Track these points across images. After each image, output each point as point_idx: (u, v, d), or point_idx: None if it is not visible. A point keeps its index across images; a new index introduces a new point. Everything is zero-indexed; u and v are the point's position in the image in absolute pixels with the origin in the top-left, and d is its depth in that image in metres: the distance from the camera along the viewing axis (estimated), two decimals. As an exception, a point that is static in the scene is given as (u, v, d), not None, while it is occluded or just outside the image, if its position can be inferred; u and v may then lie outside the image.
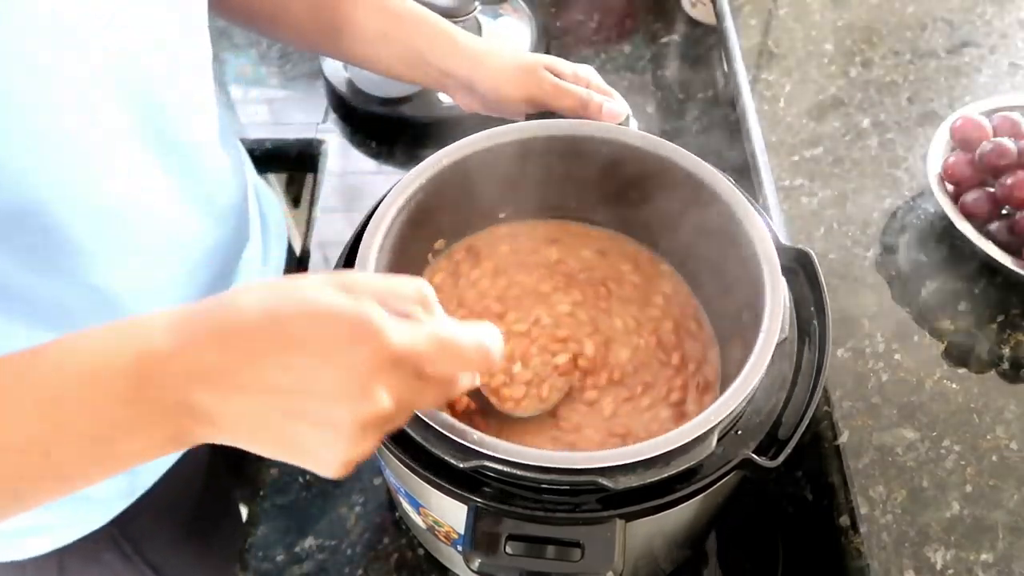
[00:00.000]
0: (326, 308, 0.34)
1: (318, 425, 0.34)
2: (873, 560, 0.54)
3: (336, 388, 0.33)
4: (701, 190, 0.56)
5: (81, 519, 0.64)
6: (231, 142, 0.64)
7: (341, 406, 0.33)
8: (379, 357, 0.33)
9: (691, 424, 0.45)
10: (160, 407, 0.34)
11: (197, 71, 0.55)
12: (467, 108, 0.66)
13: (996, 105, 0.72)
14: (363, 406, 0.34)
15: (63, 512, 0.62)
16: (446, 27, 0.64)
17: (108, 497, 0.65)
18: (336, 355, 0.33)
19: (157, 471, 0.68)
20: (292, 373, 0.33)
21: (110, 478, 0.37)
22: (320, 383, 0.33)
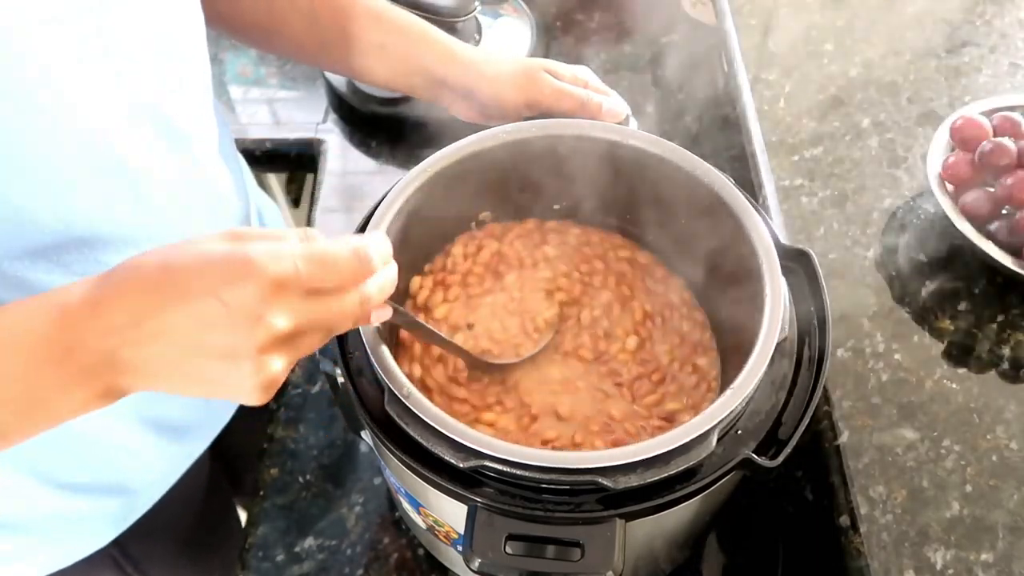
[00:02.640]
0: (211, 254, 0.38)
1: (222, 358, 0.38)
2: (873, 560, 0.54)
3: (229, 322, 0.37)
4: (701, 190, 0.56)
5: (81, 541, 0.64)
6: (233, 161, 0.65)
7: (237, 335, 0.37)
8: (262, 286, 0.37)
9: (691, 424, 0.45)
10: (85, 365, 0.38)
11: (199, 91, 0.55)
12: (465, 118, 0.66)
13: (996, 105, 0.72)
14: (257, 332, 0.37)
15: (62, 535, 0.62)
16: (443, 38, 0.64)
17: (107, 518, 0.65)
18: (224, 293, 0.37)
19: (156, 493, 0.68)
20: (190, 317, 0.37)
21: (100, 494, 0.38)
22: (215, 320, 0.37)
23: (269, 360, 0.38)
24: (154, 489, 0.67)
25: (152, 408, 0.62)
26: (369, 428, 0.48)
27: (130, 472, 0.64)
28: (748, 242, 0.53)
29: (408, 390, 0.46)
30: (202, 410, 0.67)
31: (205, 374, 0.38)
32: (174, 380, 0.39)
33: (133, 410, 0.60)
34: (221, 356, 0.38)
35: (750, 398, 0.47)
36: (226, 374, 0.38)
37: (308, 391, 0.75)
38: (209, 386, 0.39)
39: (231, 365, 0.38)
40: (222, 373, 0.38)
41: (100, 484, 0.62)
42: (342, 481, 0.70)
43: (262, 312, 0.37)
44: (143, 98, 0.48)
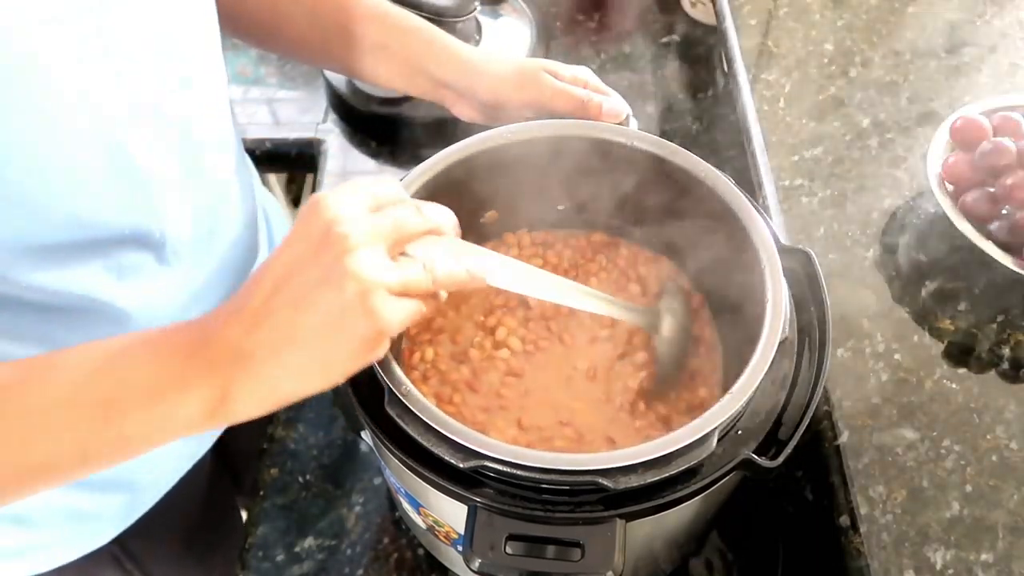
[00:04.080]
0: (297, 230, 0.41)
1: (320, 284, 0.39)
2: (873, 560, 0.54)
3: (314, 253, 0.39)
4: (701, 190, 0.56)
5: (82, 538, 0.64)
6: (242, 163, 0.65)
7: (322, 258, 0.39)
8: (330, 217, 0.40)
9: (692, 425, 0.45)
10: (207, 358, 0.40)
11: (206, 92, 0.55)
12: (466, 118, 0.66)
13: (996, 105, 0.72)
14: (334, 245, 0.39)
15: (63, 531, 0.62)
16: (444, 38, 0.64)
17: (110, 516, 0.65)
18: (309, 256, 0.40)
19: (159, 491, 0.68)
20: (289, 283, 0.40)
21: (103, 490, 0.39)
22: (303, 261, 0.40)
23: (359, 265, 0.39)
24: (157, 487, 0.67)
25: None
26: (369, 428, 0.48)
27: (134, 469, 0.64)
28: (748, 242, 0.53)
29: (408, 390, 0.46)
30: None
31: (317, 322, 0.39)
32: (292, 346, 0.40)
33: None
34: (317, 283, 0.39)
35: (751, 399, 0.47)
36: (329, 300, 0.39)
37: (308, 391, 0.75)
38: (327, 338, 0.40)
39: (328, 284, 0.39)
40: (326, 301, 0.39)
41: (104, 481, 0.62)
42: (342, 481, 0.70)
43: (329, 221, 0.39)
44: (144, 98, 0.48)
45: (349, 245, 0.39)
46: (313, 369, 0.41)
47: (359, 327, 0.39)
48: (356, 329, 0.39)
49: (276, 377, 0.40)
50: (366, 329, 0.39)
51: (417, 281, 0.41)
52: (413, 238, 0.43)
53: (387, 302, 0.40)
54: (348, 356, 0.41)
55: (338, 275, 0.39)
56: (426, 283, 0.42)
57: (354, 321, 0.39)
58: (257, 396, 0.41)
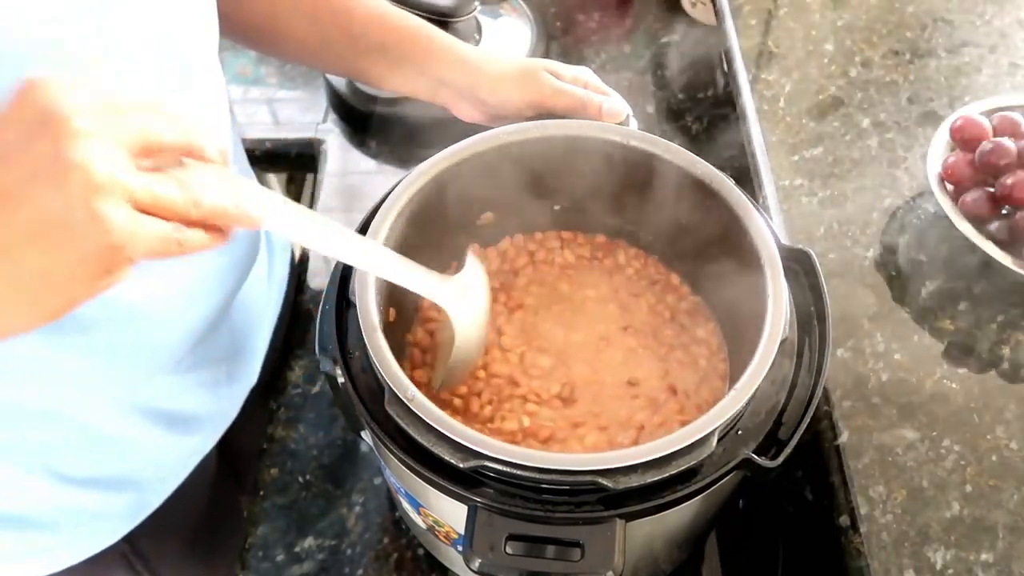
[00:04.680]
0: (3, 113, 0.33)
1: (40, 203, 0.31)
2: (873, 560, 0.54)
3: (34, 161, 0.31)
4: (701, 190, 0.56)
5: (90, 538, 0.64)
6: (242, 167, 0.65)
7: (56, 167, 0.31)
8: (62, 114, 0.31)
9: (692, 425, 0.45)
10: None
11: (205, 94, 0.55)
12: (467, 118, 0.66)
13: (996, 105, 0.72)
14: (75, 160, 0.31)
15: (71, 532, 0.62)
16: (444, 38, 0.64)
17: (118, 515, 0.65)
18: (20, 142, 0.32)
19: (167, 489, 0.68)
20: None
21: (111, 490, 0.37)
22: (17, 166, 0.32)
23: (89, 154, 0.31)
24: (165, 485, 0.68)
25: (160, 401, 0.62)
26: (369, 428, 0.48)
27: (141, 467, 0.64)
28: (749, 242, 0.53)
29: (411, 391, 0.46)
30: (210, 402, 0.68)
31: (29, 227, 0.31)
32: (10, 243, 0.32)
33: (141, 403, 0.61)
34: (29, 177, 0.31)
35: (751, 399, 0.47)
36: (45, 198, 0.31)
37: (308, 391, 0.75)
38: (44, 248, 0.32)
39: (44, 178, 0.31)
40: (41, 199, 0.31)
41: (111, 480, 0.62)
42: (342, 481, 0.70)
43: (48, 100, 0.31)
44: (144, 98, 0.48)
45: (75, 128, 0.31)
46: (27, 290, 0.33)
47: (85, 236, 0.32)
48: (81, 238, 0.32)
49: None
50: (96, 239, 0.32)
51: (171, 198, 0.34)
52: (168, 151, 0.35)
53: (125, 210, 0.32)
54: (75, 274, 0.33)
55: (59, 167, 0.31)
56: (183, 203, 0.34)
57: (79, 226, 0.31)
58: None
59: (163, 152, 0.35)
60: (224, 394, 0.70)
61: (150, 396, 0.61)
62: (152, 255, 0.34)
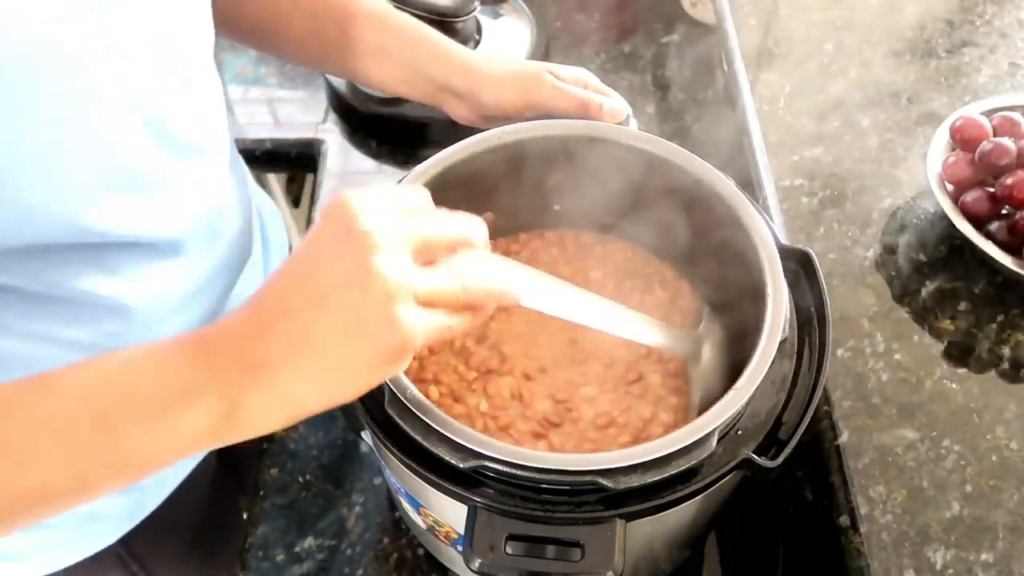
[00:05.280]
0: (317, 230, 0.39)
1: (348, 306, 0.37)
2: (873, 560, 0.54)
3: (343, 270, 0.37)
4: (701, 190, 0.56)
5: (87, 539, 0.64)
6: (237, 164, 0.65)
7: (348, 264, 0.37)
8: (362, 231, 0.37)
9: (692, 425, 0.45)
10: (214, 368, 0.38)
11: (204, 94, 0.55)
12: (466, 121, 0.66)
13: (996, 105, 0.72)
14: (365, 246, 0.37)
15: (69, 532, 0.62)
16: (443, 41, 0.64)
17: (115, 516, 0.65)
18: (332, 254, 0.37)
19: (165, 489, 0.68)
20: (307, 283, 0.38)
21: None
22: (329, 275, 0.37)
23: (386, 265, 0.36)
24: (162, 487, 0.67)
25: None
26: (369, 428, 0.49)
27: None
28: (749, 242, 0.53)
29: (410, 391, 0.46)
30: None
31: (337, 326, 0.37)
32: (308, 352, 0.37)
33: None
34: (339, 283, 0.37)
35: (751, 399, 0.47)
36: (351, 302, 0.37)
37: (308, 391, 0.75)
38: (347, 345, 0.37)
39: (350, 285, 0.36)
40: (347, 303, 0.37)
41: None
42: (342, 481, 0.70)
43: (352, 216, 0.37)
44: (144, 98, 0.48)
45: (375, 243, 0.37)
46: (330, 379, 0.38)
47: (382, 335, 0.37)
48: (378, 337, 0.37)
49: (289, 386, 0.38)
50: (389, 338, 0.37)
51: (446, 290, 0.39)
52: (442, 246, 0.40)
53: (413, 310, 0.37)
54: (368, 367, 0.38)
55: (362, 274, 0.36)
56: (456, 293, 0.39)
57: (377, 328, 0.37)
58: (269, 407, 0.38)
59: (441, 248, 0.40)
60: None
61: None
62: (430, 342, 0.39)
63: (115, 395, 0.38)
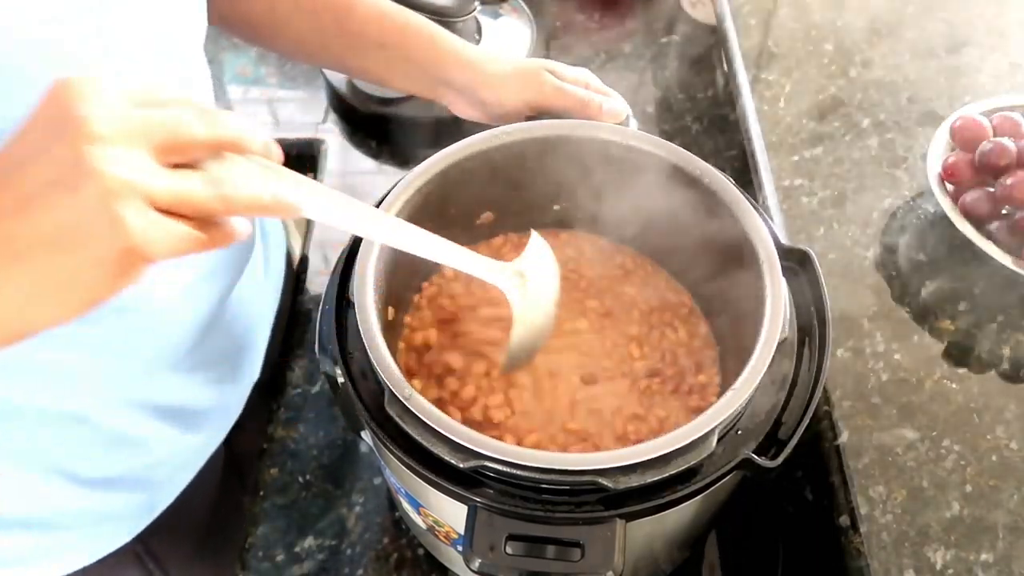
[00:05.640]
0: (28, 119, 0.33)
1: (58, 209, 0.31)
2: (873, 560, 0.54)
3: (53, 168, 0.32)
4: (700, 190, 0.56)
5: (104, 538, 0.64)
6: None
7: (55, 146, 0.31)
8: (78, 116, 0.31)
9: (692, 425, 0.45)
10: None
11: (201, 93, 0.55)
12: (466, 116, 0.66)
13: (996, 105, 0.72)
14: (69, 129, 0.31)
15: (85, 532, 0.62)
16: (445, 36, 0.64)
17: (130, 515, 0.65)
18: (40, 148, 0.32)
19: (177, 487, 0.68)
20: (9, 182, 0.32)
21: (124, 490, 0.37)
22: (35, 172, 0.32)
23: (105, 159, 0.31)
24: (175, 483, 0.68)
25: (169, 398, 0.62)
26: (369, 428, 0.48)
27: (152, 466, 0.64)
28: (748, 242, 0.53)
29: (409, 391, 0.46)
30: (216, 397, 0.68)
31: (47, 232, 0.31)
32: (17, 265, 0.32)
33: (150, 401, 0.61)
34: (47, 183, 0.31)
35: (750, 399, 0.47)
36: (62, 205, 0.31)
37: (308, 391, 0.75)
38: (61, 252, 0.32)
39: (61, 185, 0.31)
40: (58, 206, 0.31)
41: (124, 479, 0.62)
42: (342, 481, 0.70)
43: (69, 105, 0.31)
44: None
45: (91, 132, 0.31)
46: (47, 292, 0.33)
47: (100, 240, 0.32)
48: (97, 241, 0.32)
49: (6, 308, 0.33)
50: (111, 243, 0.32)
51: (196, 195, 0.33)
52: (199, 146, 0.34)
53: (143, 213, 0.32)
54: (92, 276, 0.33)
55: (75, 171, 0.31)
56: (210, 200, 0.34)
57: (95, 231, 0.31)
58: None
59: (195, 148, 0.34)
60: (229, 390, 0.70)
61: (158, 394, 0.61)
62: (172, 255, 0.33)
63: None
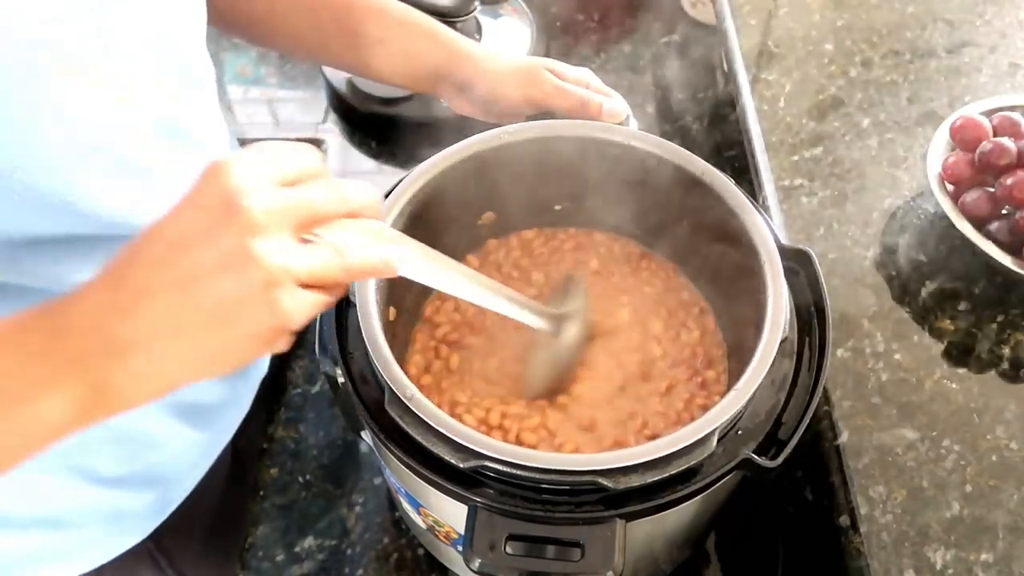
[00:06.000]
0: (189, 198, 0.36)
1: (221, 269, 0.34)
2: (873, 560, 0.54)
3: (209, 224, 0.35)
4: (701, 190, 0.56)
5: (118, 537, 0.64)
6: None
7: (223, 235, 0.34)
8: (230, 182, 0.35)
9: (692, 425, 0.45)
10: (73, 351, 0.36)
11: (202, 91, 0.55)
12: (465, 113, 0.66)
13: (996, 105, 0.72)
14: (239, 221, 0.34)
15: (99, 532, 0.62)
16: (445, 32, 0.64)
17: (144, 513, 0.65)
18: (196, 200, 0.35)
19: (189, 484, 0.68)
20: (170, 245, 0.35)
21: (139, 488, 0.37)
22: (194, 232, 0.35)
23: (266, 250, 0.34)
24: (187, 480, 0.68)
25: (182, 394, 0.62)
26: (369, 428, 0.49)
27: (166, 463, 0.64)
28: (749, 242, 0.53)
29: (410, 391, 0.46)
30: (227, 393, 0.68)
31: (209, 310, 0.35)
32: (179, 336, 0.35)
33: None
34: (214, 266, 0.34)
35: (751, 399, 0.47)
36: (227, 288, 0.34)
37: (308, 391, 0.75)
38: (219, 329, 0.35)
39: (228, 270, 0.34)
40: (223, 289, 0.34)
41: (139, 477, 0.62)
42: (342, 481, 0.70)
43: (232, 192, 0.34)
44: (145, 96, 0.48)
45: (254, 223, 0.34)
46: (202, 361, 0.37)
47: (260, 320, 0.35)
48: (255, 322, 0.35)
49: (156, 368, 0.36)
50: (268, 323, 0.36)
51: (329, 270, 0.37)
52: (327, 220, 0.38)
53: (294, 294, 0.36)
54: (243, 349, 0.37)
55: (240, 259, 0.34)
56: (338, 273, 0.38)
57: (254, 313, 0.35)
58: (136, 388, 0.37)
59: (326, 222, 0.38)
60: (240, 386, 0.70)
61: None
62: (307, 320, 0.37)
63: None
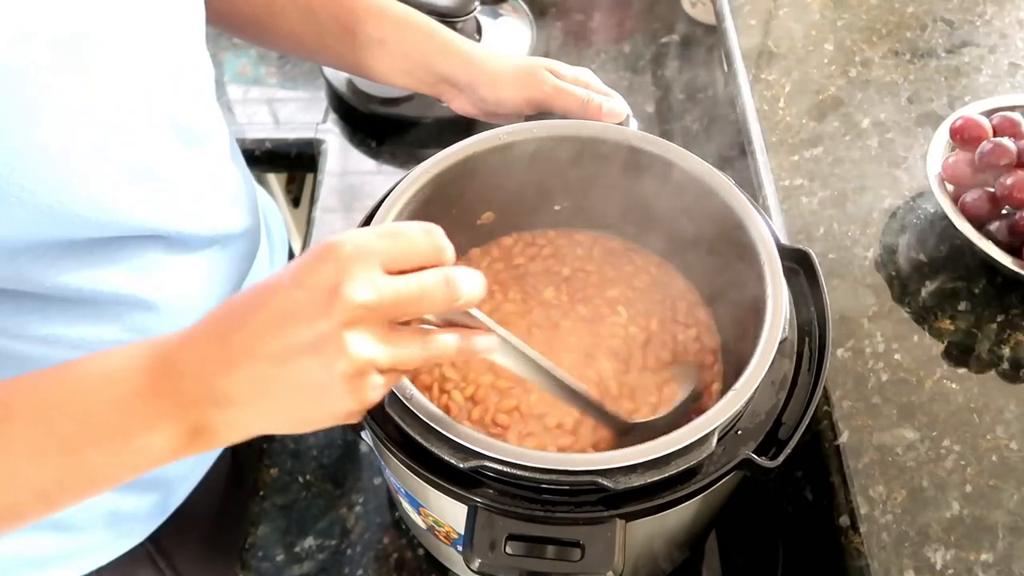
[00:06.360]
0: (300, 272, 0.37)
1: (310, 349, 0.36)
2: (873, 560, 0.54)
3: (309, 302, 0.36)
4: (701, 190, 0.56)
5: (119, 539, 0.64)
6: (238, 159, 0.65)
7: (317, 314, 0.36)
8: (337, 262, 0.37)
9: (692, 425, 0.45)
10: (177, 395, 0.38)
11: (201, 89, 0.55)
12: (464, 113, 0.66)
13: (996, 105, 0.72)
14: (335, 305, 0.36)
15: (100, 534, 0.62)
16: (445, 32, 0.64)
17: (145, 515, 0.65)
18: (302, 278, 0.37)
19: (189, 485, 0.68)
20: (272, 312, 0.37)
21: (140, 490, 0.38)
22: (296, 306, 0.37)
23: (357, 344, 0.36)
24: (187, 481, 0.68)
25: None
26: (369, 428, 0.49)
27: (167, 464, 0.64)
28: (749, 242, 0.53)
29: (410, 391, 0.46)
30: None
31: (297, 387, 0.37)
32: (269, 401, 0.38)
33: None
34: (308, 347, 0.36)
35: (751, 399, 0.47)
36: (315, 372, 0.37)
37: (308, 391, 0.75)
38: (303, 405, 0.38)
39: (318, 355, 0.36)
40: (311, 371, 0.37)
41: (141, 479, 0.62)
42: (342, 481, 0.70)
43: (338, 281, 0.36)
44: (143, 98, 0.48)
45: (351, 314, 0.36)
46: (285, 424, 0.40)
47: (338, 404, 0.38)
48: (335, 403, 0.38)
49: (249, 421, 0.39)
50: (345, 408, 0.38)
51: (412, 361, 0.39)
52: (426, 313, 0.40)
53: (375, 383, 0.38)
54: (322, 422, 0.40)
55: (332, 348, 0.36)
56: (419, 362, 0.40)
57: (334, 399, 0.38)
58: (232, 433, 0.39)
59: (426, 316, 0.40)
60: None
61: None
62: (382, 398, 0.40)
63: (77, 420, 0.38)
